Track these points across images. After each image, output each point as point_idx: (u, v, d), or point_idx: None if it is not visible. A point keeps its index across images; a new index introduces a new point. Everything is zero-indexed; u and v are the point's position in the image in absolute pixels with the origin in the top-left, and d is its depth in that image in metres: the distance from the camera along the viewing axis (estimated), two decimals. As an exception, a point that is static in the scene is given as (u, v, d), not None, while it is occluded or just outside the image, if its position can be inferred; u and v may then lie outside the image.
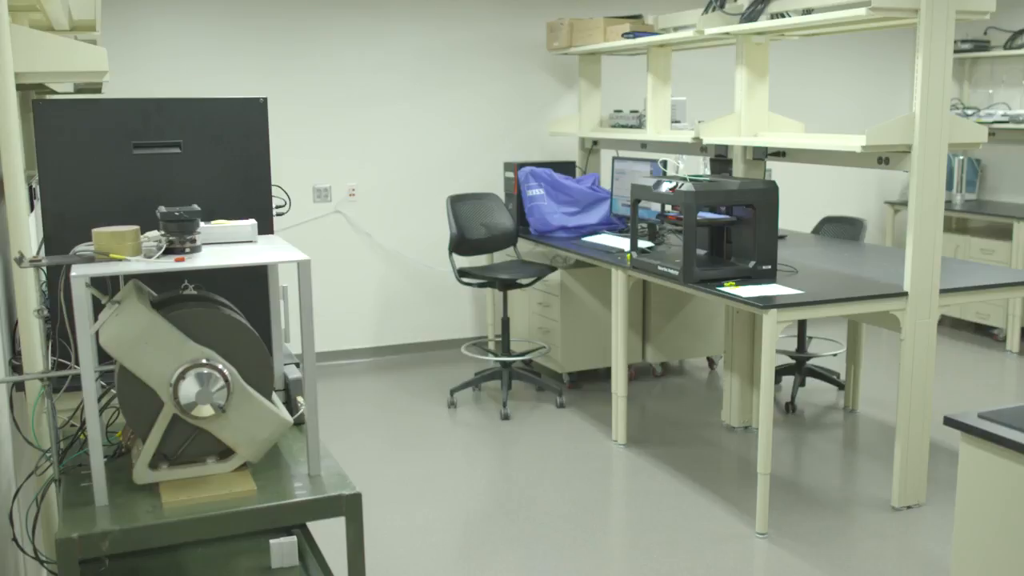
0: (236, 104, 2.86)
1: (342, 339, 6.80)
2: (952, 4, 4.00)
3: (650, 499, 4.52)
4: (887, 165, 4.20)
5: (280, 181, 3.04)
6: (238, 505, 2.16)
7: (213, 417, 2.24)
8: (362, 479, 4.76)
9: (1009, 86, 7.88)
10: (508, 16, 6.96)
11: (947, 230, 7.00)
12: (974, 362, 6.81)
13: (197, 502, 2.16)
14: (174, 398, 2.20)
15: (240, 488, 2.21)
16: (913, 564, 3.88)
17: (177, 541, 2.14)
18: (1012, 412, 2.49)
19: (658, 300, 6.17)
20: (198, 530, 2.12)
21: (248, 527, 2.18)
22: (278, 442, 2.45)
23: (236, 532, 2.19)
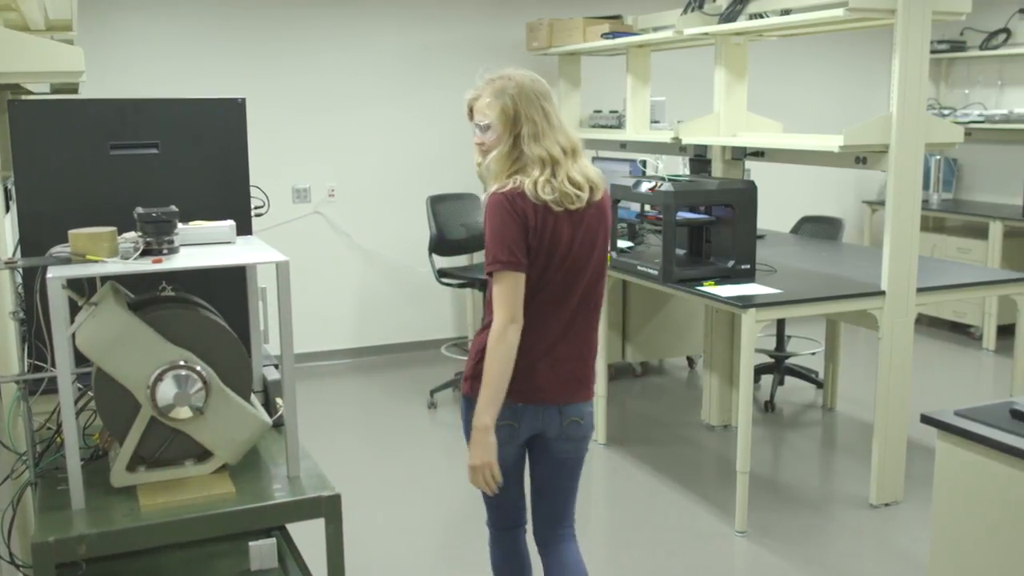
0: (214, 104, 2.85)
1: (322, 340, 6.78)
2: (928, 5, 4.03)
3: (630, 498, 4.53)
4: (864, 165, 4.22)
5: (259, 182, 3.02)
6: (217, 507, 2.15)
7: (191, 419, 2.23)
8: (342, 480, 4.71)
9: (985, 86, 7.95)
10: (488, 17, 6.95)
11: (924, 229, 7.04)
12: (951, 360, 6.87)
13: (175, 505, 2.15)
14: (152, 400, 2.19)
15: (218, 490, 2.21)
16: (891, 561, 3.90)
17: (155, 544, 2.14)
18: (988, 410, 2.51)
19: (638, 300, 6.18)
20: (176, 533, 2.11)
21: (227, 529, 2.18)
22: (257, 444, 2.44)
23: (215, 534, 2.19)
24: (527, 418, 2.67)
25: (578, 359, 2.69)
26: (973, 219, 7.41)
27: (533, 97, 2.59)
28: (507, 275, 2.51)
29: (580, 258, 2.60)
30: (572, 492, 2.87)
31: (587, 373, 2.73)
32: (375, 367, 6.74)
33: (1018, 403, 2.51)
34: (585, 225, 2.60)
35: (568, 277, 2.60)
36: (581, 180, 2.57)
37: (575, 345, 2.67)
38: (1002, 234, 6.99)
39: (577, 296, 2.64)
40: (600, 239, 2.65)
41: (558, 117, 2.63)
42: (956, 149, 7.78)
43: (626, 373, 6.50)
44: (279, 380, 2.64)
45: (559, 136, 2.59)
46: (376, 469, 4.95)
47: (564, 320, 2.63)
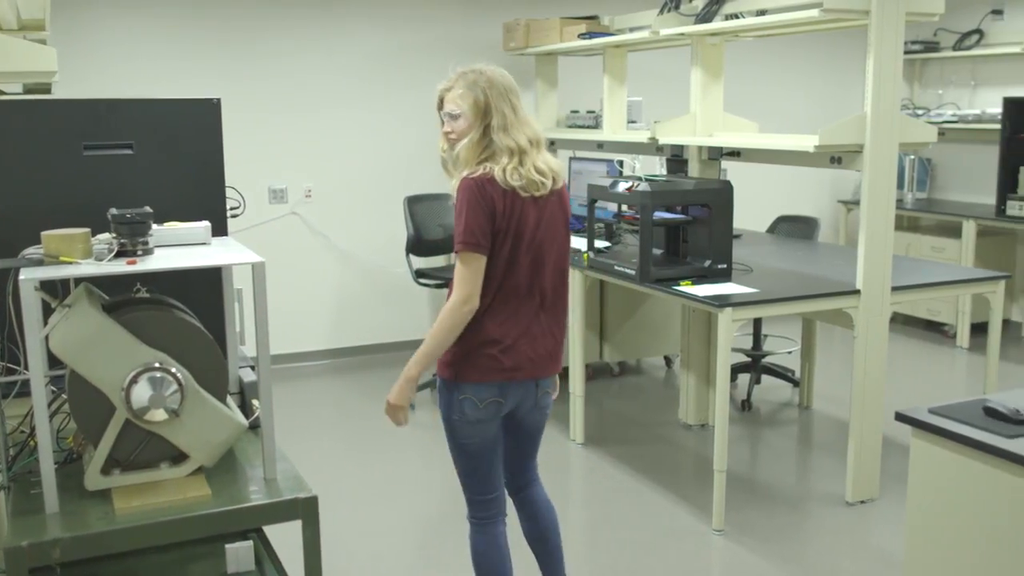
0: (189, 105, 2.83)
1: (298, 341, 6.75)
2: (902, 6, 4.06)
3: (608, 497, 4.54)
4: (839, 165, 4.25)
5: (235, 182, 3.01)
6: (192, 510, 2.14)
7: (166, 421, 2.21)
8: (319, 482, 4.70)
9: (958, 86, 8.01)
10: (464, 17, 6.95)
11: (899, 228, 7.10)
12: (925, 358, 6.92)
13: (150, 507, 2.13)
14: (126, 403, 2.17)
15: (194, 493, 2.20)
16: (867, 558, 3.93)
17: (130, 548, 2.12)
18: (961, 407, 2.54)
19: (615, 300, 6.20)
20: (152, 536, 2.10)
21: (203, 532, 2.17)
22: (233, 446, 2.43)
23: (191, 537, 2.17)
24: (511, 394, 2.88)
25: (550, 336, 2.92)
26: (947, 218, 7.48)
27: (503, 91, 2.80)
28: (470, 256, 2.73)
29: (546, 241, 2.84)
30: (538, 443, 3.19)
31: (558, 348, 2.98)
32: (352, 368, 6.73)
33: (991, 400, 2.53)
34: (548, 211, 2.84)
35: (536, 259, 2.83)
36: (545, 169, 2.81)
37: (548, 324, 2.91)
38: (975, 233, 7.06)
39: (547, 277, 2.87)
40: (562, 224, 2.90)
41: (524, 111, 2.84)
42: (930, 149, 7.86)
43: (604, 373, 6.51)
44: (255, 381, 2.63)
45: (525, 128, 2.80)
46: (353, 470, 4.93)
47: (537, 301, 2.87)
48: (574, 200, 5.98)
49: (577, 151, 6.54)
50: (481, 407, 2.85)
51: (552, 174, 2.83)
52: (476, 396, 2.84)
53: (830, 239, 8.24)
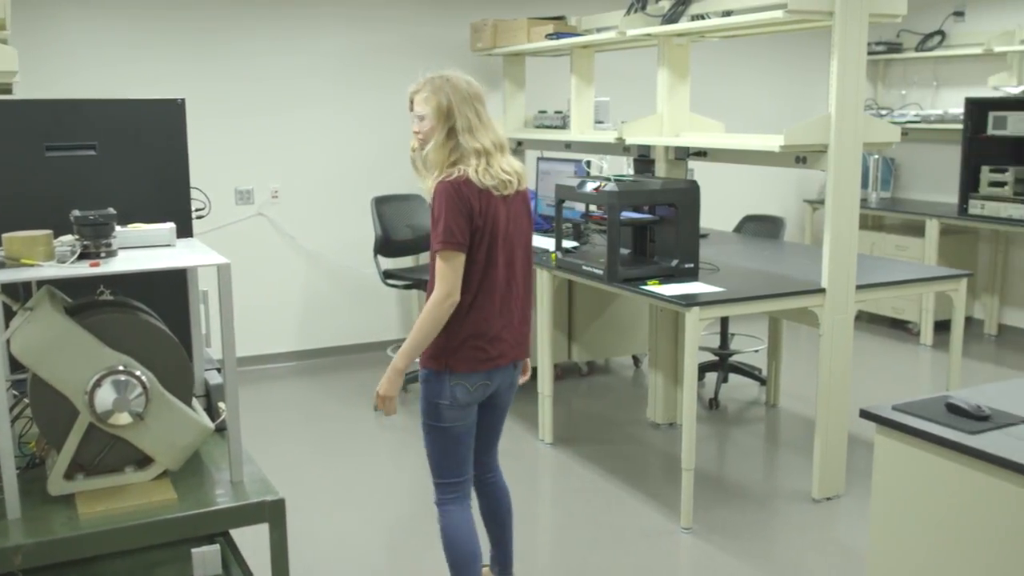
0: (153, 105, 2.81)
1: (266, 343, 6.71)
2: (865, 7, 4.10)
3: (576, 497, 4.55)
4: (805, 164, 4.28)
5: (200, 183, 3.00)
6: (158, 514, 2.12)
7: (131, 425, 2.19)
8: (286, 485, 4.68)
9: (921, 87, 8.11)
10: (431, 18, 6.94)
11: (863, 227, 7.15)
12: (890, 356, 7.00)
13: (115, 512, 2.11)
14: (90, 406, 2.15)
15: (160, 497, 2.18)
16: (833, 553, 3.97)
17: (95, 553, 2.10)
18: (924, 404, 2.57)
19: (583, 299, 6.21)
20: (117, 541, 2.08)
21: (169, 536, 2.15)
22: (199, 449, 2.42)
23: (156, 542, 2.16)
24: (496, 377, 3.13)
25: (525, 323, 3.20)
26: (910, 217, 7.56)
27: (466, 96, 3.00)
28: (450, 254, 2.92)
29: (515, 236, 3.08)
30: (502, 428, 3.42)
31: (528, 331, 3.26)
32: (320, 370, 6.69)
33: (953, 397, 2.56)
34: (514, 209, 3.07)
35: (510, 254, 3.06)
36: (510, 171, 3.03)
37: (522, 311, 3.18)
38: (938, 232, 7.14)
39: (518, 270, 3.12)
40: (525, 220, 3.15)
41: (488, 117, 3.04)
42: (893, 149, 7.94)
43: (572, 373, 6.53)
44: (221, 384, 2.61)
45: (489, 133, 3.01)
46: (321, 473, 4.91)
47: (512, 292, 3.10)
48: (542, 200, 6.00)
49: (545, 151, 6.55)
50: (472, 391, 3.07)
51: (517, 175, 3.05)
52: (467, 382, 3.05)
53: (796, 238, 8.31)
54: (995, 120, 6.77)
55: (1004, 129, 6.71)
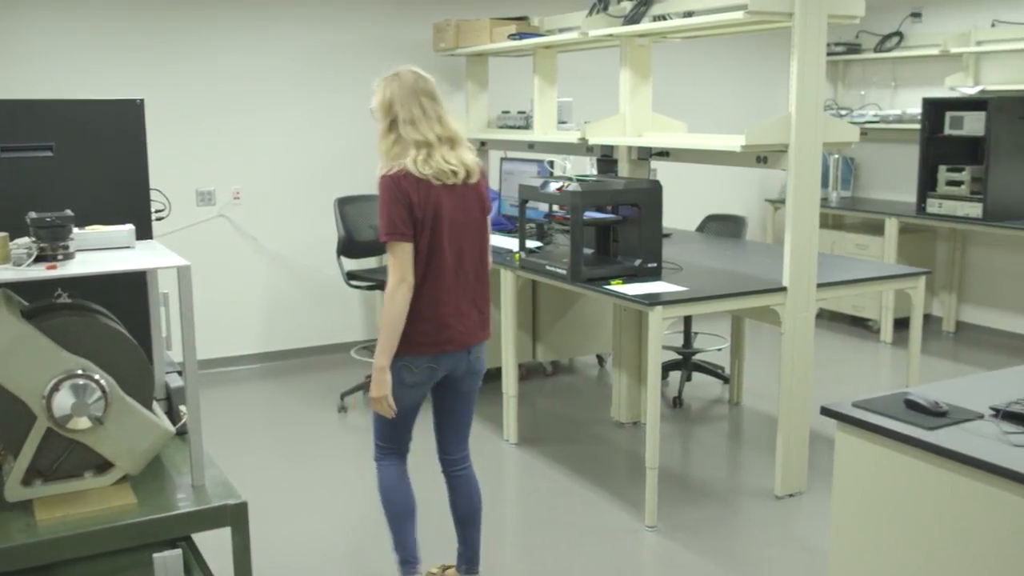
0: (111, 106, 2.78)
1: (228, 345, 6.66)
2: (824, 8, 4.14)
3: (541, 497, 4.56)
4: (766, 164, 4.32)
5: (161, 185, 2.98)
6: (118, 519, 2.10)
7: (90, 429, 2.17)
8: (249, 488, 4.65)
9: (879, 87, 8.21)
10: (394, 17, 6.92)
11: (824, 226, 7.22)
12: (851, 353, 7.08)
13: (74, 518, 2.09)
14: (48, 411, 2.12)
15: (120, 502, 2.16)
16: (795, 549, 4.01)
17: (54, 560, 2.07)
18: (883, 400, 2.60)
19: (547, 299, 6.22)
20: (76, 547, 2.06)
21: (129, 541, 2.13)
22: (160, 453, 2.39)
23: (117, 547, 2.13)
24: (445, 362, 3.24)
25: (476, 311, 3.27)
26: (870, 216, 7.65)
27: (411, 90, 3.13)
28: (396, 245, 3.09)
29: (464, 225, 3.18)
30: (470, 419, 3.53)
31: (485, 319, 3.33)
32: (283, 372, 6.65)
33: (912, 393, 2.60)
34: (465, 200, 3.17)
35: (456, 242, 3.16)
36: (456, 163, 3.13)
37: (474, 299, 3.26)
38: (897, 230, 7.24)
39: (468, 258, 3.21)
40: (479, 212, 3.24)
41: (436, 111, 3.14)
42: (853, 148, 8.03)
43: (537, 372, 6.53)
44: (182, 387, 2.59)
45: (434, 125, 3.12)
46: (285, 475, 4.88)
47: (462, 280, 3.20)
48: (506, 200, 6.01)
49: (508, 152, 6.55)
50: (416, 371, 3.20)
51: (465, 168, 3.16)
52: (412, 364, 3.19)
53: (758, 237, 8.38)
54: (952, 120, 6.87)
55: (960, 129, 6.81)
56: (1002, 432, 2.35)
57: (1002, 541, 2.18)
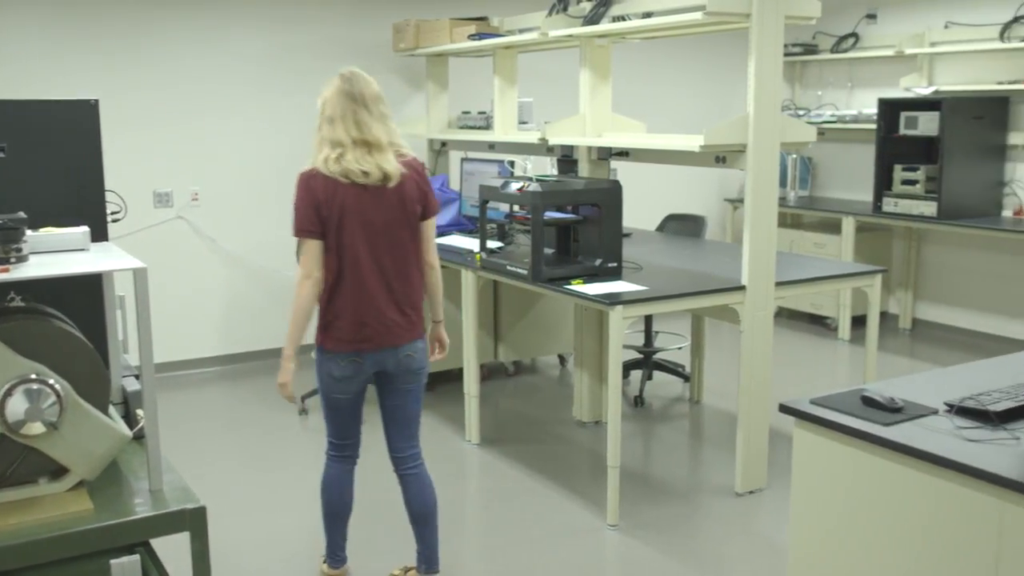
0: (65, 106, 2.74)
1: (187, 348, 6.59)
2: (781, 9, 4.18)
3: (503, 497, 4.56)
4: (724, 164, 4.35)
5: (117, 186, 2.94)
6: (74, 526, 2.07)
7: (44, 435, 2.14)
8: (209, 492, 4.63)
9: (836, 88, 8.30)
10: (353, 17, 6.89)
11: (782, 225, 7.31)
12: (810, 351, 7.15)
13: (29, 525, 2.06)
14: (1, 416, 2.09)
15: (76, 507, 2.13)
16: (755, 546, 4.04)
17: (8, 567, 2.04)
18: (841, 397, 2.63)
19: (509, 299, 6.23)
20: (31, 554, 2.03)
21: (86, 548, 2.10)
22: (117, 458, 2.37)
23: (73, 554, 2.10)
24: (369, 358, 3.30)
25: (397, 310, 3.29)
26: (827, 215, 7.74)
27: (342, 91, 3.20)
28: (304, 241, 3.21)
29: (383, 227, 3.22)
30: (415, 417, 3.51)
31: (412, 319, 3.34)
32: (243, 374, 6.60)
33: (868, 390, 2.63)
34: (383, 201, 3.21)
35: (372, 243, 3.21)
36: (369, 167, 3.16)
37: (396, 299, 3.29)
38: (854, 229, 7.32)
39: (389, 260, 3.25)
40: (399, 213, 3.24)
41: (357, 115, 3.18)
42: (811, 148, 8.13)
43: (498, 373, 6.54)
44: (139, 391, 2.56)
45: (350, 128, 3.17)
46: (245, 479, 4.84)
47: (382, 281, 3.24)
48: (466, 201, 6.00)
49: (468, 152, 6.55)
50: (343, 365, 3.29)
51: (382, 172, 3.18)
52: (337, 359, 3.29)
53: (718, 237, 8.44)
54: (907, 120, 6.96)
55: (915, 129, 6.91)
56: (956, 427, 2.39)
57: (956, 534, 2.21)
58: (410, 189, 3.27)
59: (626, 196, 4.51)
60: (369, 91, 3.24)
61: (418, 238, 3.35)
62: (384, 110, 3.26)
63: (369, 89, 3.24)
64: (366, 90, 3.23)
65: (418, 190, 3.30)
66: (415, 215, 3.31)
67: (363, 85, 3.23)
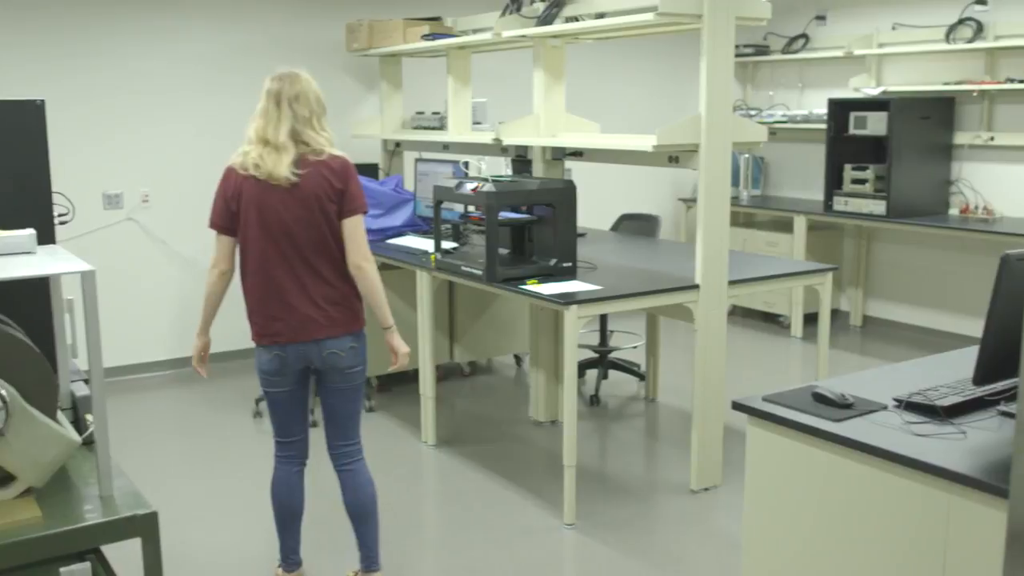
0: (9, 107, 2.70)
1: (138, 352, 6.51)
2: (732, 10, 4.22)
3: (460, 498, 4.56)
4: (677, 164, 4.38)
5: (66, 188, 2.89)
6: (22, 533, 2.03)
7: (-9, 441, 2.10)
8: (162, 497, 4.57)
9: (787, 88, 8.39)
10: (306, 17, 6.84)
11: (735, 225, 7.38)
12: (763, 348, 7.22)
13: (-25, 533, 2.02)
14: (-55, 423, 2.05)
15: (24, 515, 2.09)
16: (711, 542, 4.07)
17: (-47, 577, 2.00)
18: (792, 394, 2.66)
19: (464, 300, 6.22)
20: (-23, 563, 1.99)
21: (35, 556, 2.06)
22: (66, 464, 2.33)
23: (22, 563, 2.06)
24: (291, 351, 3.34)
25: (312, 305, 3.30)
26: (779, 214, 7.82)
27: (265, 90, 3.29)
28: (216, 235, 3.37)
29: (291, 223, 3.24)
30: (349, 416, 3.49)
31: (331, 315, 3.32)
32: (196, 378, 6.52)
33: (819, 387, 2.66)
34: (292, 199, 3.23)
35: (276, 239, 3.25)
36: (263, 165, 3.22)
37: (311, 296, 3.29)
38: (806, 228, 7.41)
39: (299, 257, 3.27)
40: (308, 213, 3.24)
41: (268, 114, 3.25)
42: (763, 148, 8.21)
43: (454, 373, 6.53)
44: (88, 396, 2.52)
45: (259, 126, 3.26)
46: (199, 483, 4.79)
47: (292, 276, 3.28)
48: (420, 202, 5.99)
49: (423, 153, 6.53)
50: (268, 358, 3.36)
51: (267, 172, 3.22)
52: (262, 352, 3.38)
53: (672, 236, 8.50)
54: (856, 120, 7.06)
55: (864, 129, 7.01)
56: (904, 422, 2.42)
57: (905, 526, 2.25)
58: (317, 188, 3.24)
59: (581, 196, 4.53)
60: (290, 90, 3.25)
61: (339, 237, 3.32)
62: (301, 110, 3.24)
63: (291, 88, 3.25)
64: (286, 89, 3.25)
65: (331, 189, 3.26)
66: (329, 213, 3.27)
67: (287, 84, 3.26)
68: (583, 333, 4.71)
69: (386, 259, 5.36)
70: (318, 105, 3.31)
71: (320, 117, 3.31)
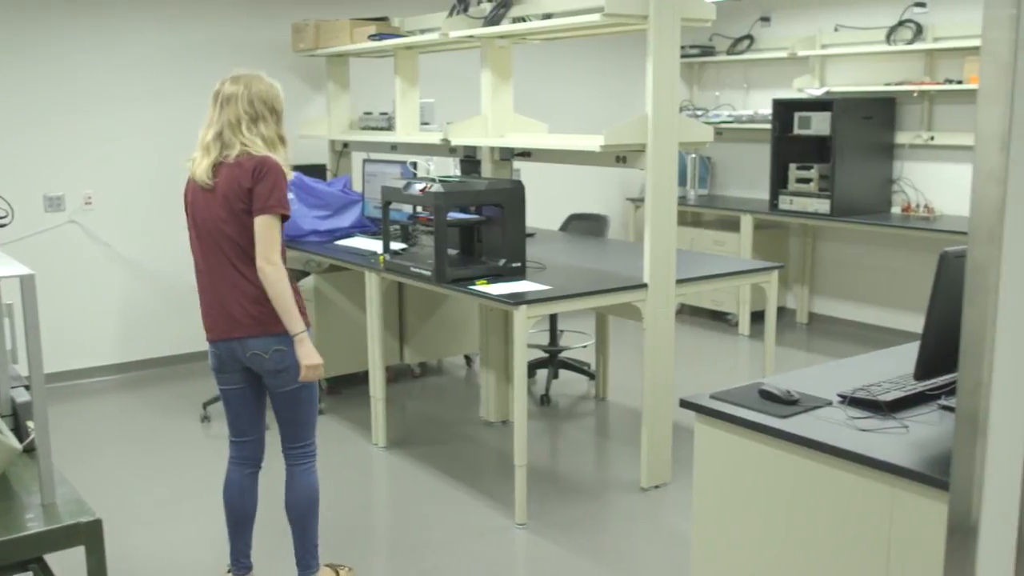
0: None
1: (83, 357, 6.40)
2: (677, 12, 4.25)
3: (411, 499, 4.54)
4: (625, 164, 4.41)
5: (4, 190, 2.83)
6: (-40, 543, 1.99)
7: (-73, 450, 2.05)
8: (107, 505, 4.50)
9: (732, 88, 8.49)
10: (251, 17, 6.78)
11: (682, 224, 7.44)
12: (712, 346, 7.29)
13: (-89, 544, 1.97)
14: None
15: (-38, 525, 2.04)
16: (661, 540, 4.10)
17: None
18: (739, 391, 2.69)
19: (414, 301, 6.21)
20: (-86, 575, 1.94)
21: (-26, 566, 2.02)
22: (7, 472, 2.28)
23: (-40, 573, 2.02)
24: (221, 350, 3.40)
25: (233, 303, 3.33)
26: (726, 213, 7.91)
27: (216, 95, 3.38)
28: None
29: (214, 223, 3.31)
30: (291, 421, 3.49)
31: (254, 315, 3.32)
32: (143, 382, 6.43)
33: (766, 384, 2.69)
34: (214, 200, 3.31)
35: (204, 238, 3.36)
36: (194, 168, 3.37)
37: (238, 293, 3.33)
38: (752, 227, 7.50)
39: (214, 258, 3.35)
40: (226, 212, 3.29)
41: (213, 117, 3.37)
42: (709, 148, 8.29)
43: (405, 375, 6.51)
44: (29, 402, 2.47)
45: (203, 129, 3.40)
46: (145, 490, 4.72)
47: (214, 274, 3.36)
48: (369, 203, 5.96)
49: (371, 153, 6.50)
50: (210, 354, 3.47)
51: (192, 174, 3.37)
52: (209, 349, 3.46)
53: (620, 236, 8.55)
54: (800, 120, 7.16)
55: (808, 129, 7.10)
56: (848, 417, 2.46)
57: (850, 519, 2.28)
58: (228, 189, 3.28)
59: (529, 196, 4.54)
60: (225, 91, 3.34)
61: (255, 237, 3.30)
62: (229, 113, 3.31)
63: (226, 89, 3.34)
64: (224, 90, 3.35)
65: (240, 189, 3.26)
66: (240, 213, 3.29)
67: (226, 85, 3.35)
68: (533, 333, 4.72)
69: (334, 260, 5.33)
70: (260, 106, 3.33)
71: (257, 119, 3.32)
